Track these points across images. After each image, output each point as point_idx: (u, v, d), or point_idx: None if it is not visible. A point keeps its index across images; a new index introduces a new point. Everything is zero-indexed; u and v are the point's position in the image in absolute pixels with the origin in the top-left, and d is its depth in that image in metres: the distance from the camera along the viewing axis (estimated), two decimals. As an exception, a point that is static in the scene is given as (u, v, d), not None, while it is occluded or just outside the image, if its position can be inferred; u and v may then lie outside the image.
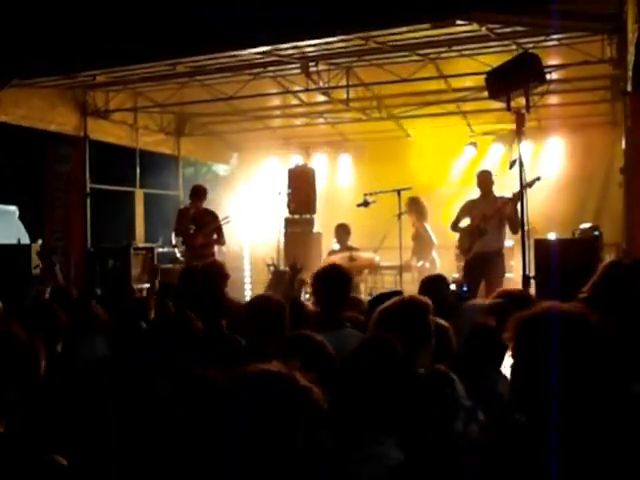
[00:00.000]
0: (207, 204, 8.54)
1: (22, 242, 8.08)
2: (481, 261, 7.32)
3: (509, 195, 7.30)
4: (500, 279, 7.21)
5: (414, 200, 9.00)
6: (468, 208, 7.77)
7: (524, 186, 6.24)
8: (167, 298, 4.39)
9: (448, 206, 8.80)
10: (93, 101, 9.77)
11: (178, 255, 8.27)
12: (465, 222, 7.79)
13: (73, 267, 9.22)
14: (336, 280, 3.63)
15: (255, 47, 7.08)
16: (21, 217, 12.46)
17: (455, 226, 7.84)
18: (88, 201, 9.82)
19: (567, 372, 1.93)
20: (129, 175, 10.79)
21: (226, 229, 8.49)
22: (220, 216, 8.37)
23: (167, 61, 7.64)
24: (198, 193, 8.40)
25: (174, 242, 8.41)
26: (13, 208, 12.59)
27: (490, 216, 7.37)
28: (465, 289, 6.11)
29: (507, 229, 7.53)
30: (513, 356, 2.07)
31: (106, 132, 10.17)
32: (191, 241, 8.12)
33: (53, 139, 9.72)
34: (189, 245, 8.14)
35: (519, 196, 5.70)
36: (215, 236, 8.23)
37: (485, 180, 7.71)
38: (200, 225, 8.14)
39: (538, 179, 7.00)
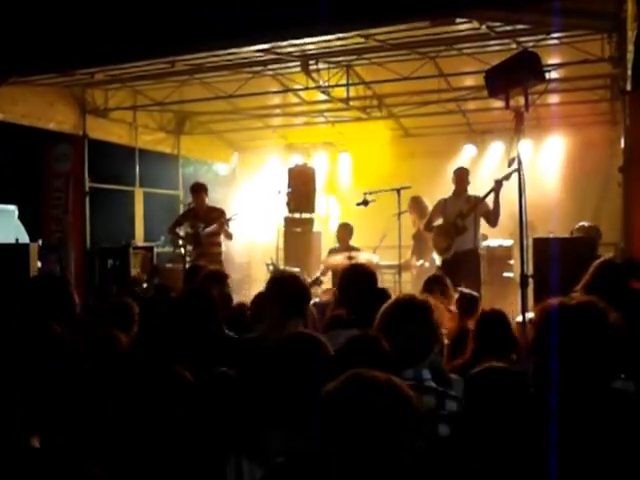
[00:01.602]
0: (207, 203, 8.52)
1: (21, 241, 8.05)
2: (459, 260, 7.28)
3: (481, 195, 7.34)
4: (477, 277, 7.17)
5: (416, 199, 8.98)
6: (441, 207, 7.74)
7: (503, 178, 6.26)
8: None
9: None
10: (92, 99, 9.77)
11: (182, 252, 8.15)
12: (439, 222, 7.76)
13: (73, 266, 9.21)
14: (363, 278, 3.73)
15: (254, 45, 7.06)
16: (20, 216, 12.45)
17: (429, 226, 7.82)
18: (87, 200, 9.82)
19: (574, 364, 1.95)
20: (129, 174, 10.78)
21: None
22: (227, 213, 8.33)
23: (165, 59, 7.64)
24: (198, 190, 8.38)
25: (166, 237, 8.29)
26: (12, 207, 12.56)
27: (467, 213, 7.36)
28: None
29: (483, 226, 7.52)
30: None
31: (105, 131, 10.16)
32: (198, 239, 8.09)
33: (52, 138, 9.72)
34: (197, 243, 8.11)
35: (520, 197, 5.66)
36: (222, 232, 8.21)
37: (461, 177, 7.70)
38: (207, 222, 8.12)
39: (517, 170, 6.99)
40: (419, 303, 2.82)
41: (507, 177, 6.62)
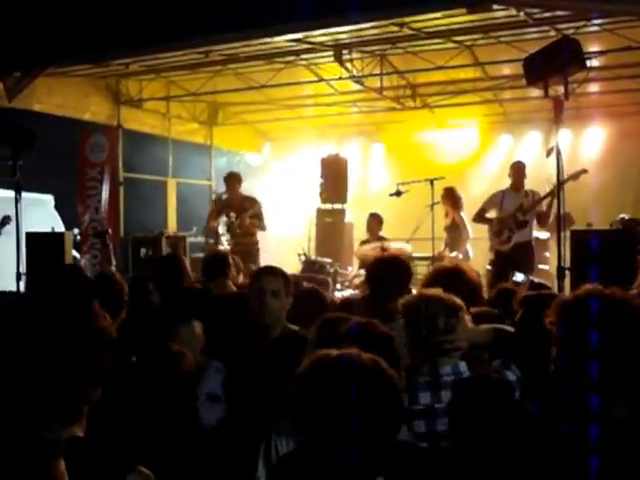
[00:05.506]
0: (242, 192, 8.50)
1: (56, 230, 8.15)
2: (516, 252, 7.24)
3: (537, 189, 7.26)
4: (532, 268, 7.13)
5: (449, 190, 8.84)
6: (498, 199, 7.62)
7: (568, 178, 6.10)
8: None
9: (482, 197, 8.64)
10: (126, 90, 9.85)
11: (225, 244, 8.12)
12: (491, 214, 7.65)
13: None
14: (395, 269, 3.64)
15: (287, 34, 7.00)
16: (56, 206, 12.62)
17: (481, 216, 7.71)
18: (122, 190, 9.92)
19: (608, 361, 1.83)
20: (162, 164, 10.86)
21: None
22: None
23: (199, 48, 7.63)
24: (231, 180, 8.37)
25: (220, 231, 8.22)
26: (49, 197, 12.75)
27: (529, 209, 7.30)
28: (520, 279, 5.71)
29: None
30: (556, 342, 1.99)
31: (139, 121, 10.25)
32: (232, 229, 8.11)
33: (87, 128, 9.82)
34: (232, 233, 8.12)
35: (558, 189, 5.55)
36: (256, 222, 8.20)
37: (518, 171, 7.58)
38: (241, 211, 8.12)
39: (585, 171, 6.88)
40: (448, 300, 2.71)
41: (574, 177, 6.54)
